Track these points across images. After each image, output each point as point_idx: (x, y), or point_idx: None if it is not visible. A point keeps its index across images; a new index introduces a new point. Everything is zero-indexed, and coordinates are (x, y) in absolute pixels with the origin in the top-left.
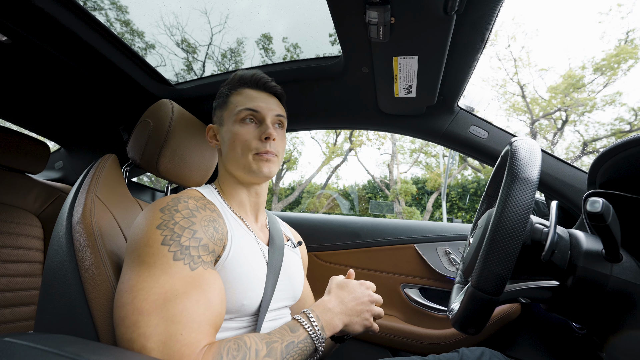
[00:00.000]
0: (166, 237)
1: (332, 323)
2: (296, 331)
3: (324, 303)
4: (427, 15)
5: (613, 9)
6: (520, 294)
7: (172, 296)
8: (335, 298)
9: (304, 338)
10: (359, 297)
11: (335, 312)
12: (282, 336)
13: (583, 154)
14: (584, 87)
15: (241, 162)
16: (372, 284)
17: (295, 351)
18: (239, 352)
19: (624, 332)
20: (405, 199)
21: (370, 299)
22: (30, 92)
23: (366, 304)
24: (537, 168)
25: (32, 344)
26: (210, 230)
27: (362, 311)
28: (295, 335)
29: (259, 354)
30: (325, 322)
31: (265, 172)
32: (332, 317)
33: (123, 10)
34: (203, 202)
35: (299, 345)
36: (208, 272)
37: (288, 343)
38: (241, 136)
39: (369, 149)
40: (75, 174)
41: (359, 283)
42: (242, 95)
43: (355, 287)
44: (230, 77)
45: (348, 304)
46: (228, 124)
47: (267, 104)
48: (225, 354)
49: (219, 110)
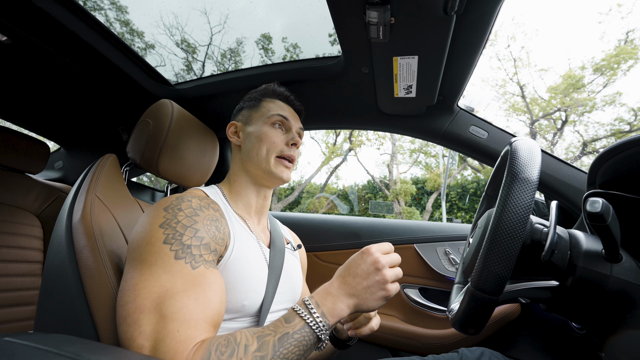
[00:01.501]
0: (168, 236)
1: (335, 308)
2: (291, 321)
3: (325, 288)
4: (427, 15)
5: (613, 9)
6: (520, 294)
7: (172, 294)
8: (337, 280)
9: (301, 328)
10: (363, 271)
11: (338, 296)
12: (275, 328)
13: (583, 154)
14: (584, 88)
15: (264, 162)
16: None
17: (291, 343)
18: (227, 347)
19: (623, 332)
20: (404, 199)
21: (377, 266)
22: (30, 92)
23: (373, 273)
24: (536, 168)
25: (32, 344)
26: (212, 229)
27: (371, 285)
28: (290, 326)
29: (249, 349)
30: (327, 308)
31: (284, 176)
32: (334, 301)
33: (123, 10)
34: (207, 202)
35: (295, 337)
36: (209, 271)
37: (282, 335)
38: (270, 137)
39: (368, 149)
40: (75, 174)
41: (359, 254)
42: (274, 103)
43: (355, 260)
44: (262, 87)
45: (351, 282)
46: (257, 124)
47: (294, 117)
48: (214, 350)
49: (248, 110)
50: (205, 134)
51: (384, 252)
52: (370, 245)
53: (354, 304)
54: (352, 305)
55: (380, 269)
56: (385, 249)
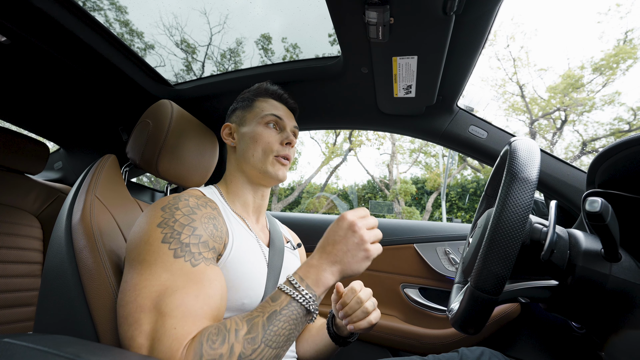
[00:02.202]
0: (166, 235)
1: (320, 277)
2: (278, 299)
3: (306, 261)
4: (426, 15)
5: (612, 9)
6: (519, 294)
7: (171, 292)
8: (317, 251)
9: (287, 303)
10: (341, 236)
11: (320, 266)
12: (263, 309)
13: (582, 154)
14: (583, 87)
15: (259, 162)
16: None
17: (280, 319)
18: (218, 335)
19: (623, 332)
20: (404, 199)
21: (354, 228)
22: (29, 92)
23: (352, 236)
24: (536, 168)
25: (31, 345)
26: (210, 227)
27: (350, 248)
28: (276, 304)
29: (239, 333)
30: (312, 280)
31: (280, 175)
32: (318, 272)
33: (122, 10)
34: (204, 200)
35: (283, 312)
36: (210, 268)
37: (270, 314)
38: (265, 137)
39: (368, 149)
40: (74, 175)
41: (336, 221)
42: (267, 103)
43: (333, 228)
44: (254, 86)
45: (331, 250)
46: (251, 124)
47: (288, 116)
48: (205, 340)
49: (241, 111)
50: (204, 134)
51: (359, 217)
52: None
53: (337, 270)
54: (337, 271)
55: (357, 230)
56: (361, 214)
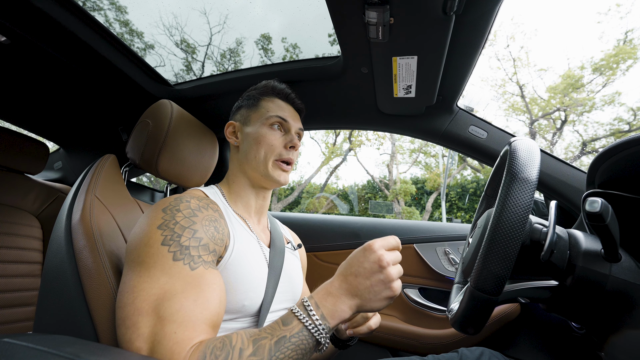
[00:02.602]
0: (166, 237)
1: (336, 309)
2: (289, 324)
3: (325, 287)
4: (426, 15)
5: (612, 9)
6: (519, 294)
7: (170, 296)
8: (338, 279)
9: (299, 331)
10: (366, 269)
11: (339, 296)
12: (272, 331)
13: (582, 154)
14: (583, 87)
15: (261, 164)
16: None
17: (288, 347)
18: (222, 350)
19: (623, 332)
20: (404, 199)
21: (381, 264)
22: (29, 92)
23: (377, 271)
24: (536, 168)
25: (31, 345)
26: (211, 230)
27: (374, 284)
28: (287, 329)
29: (243, 353)
30: (327, 309)
31: (282, 180)
32: (335, 302)
33: (122, 10)
34: (206, 202)
35: (292, 340)
36: (209, 272)
37: (278, 339)
38: (268, 139)
39: (368, 149)
40: (74, 175)
41: (361, 250)
42: (273, 102)
43: (357, 256)
44: (261, 84)
45: (353, 281)
46: (256, 125)
47: (294, 117)
48: (209, 353)
49: (246, 109)
50: (204, 134)
51: (387, 248)
52: (373, 240)
53: (356, 304)
54: (355, 305)
55: (385, 267)
56: (390, 244)
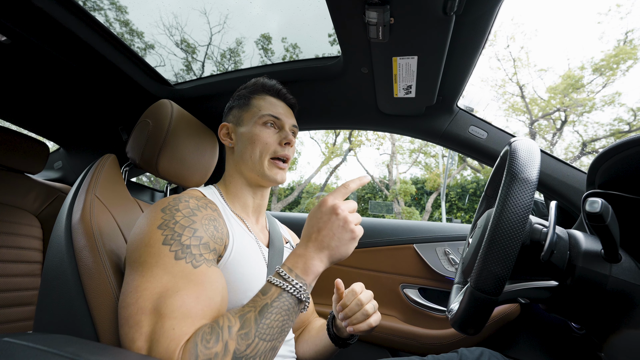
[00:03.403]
0: (167, 237)
1: (308, 267)
2: (268, 292)
3: (294, 252)
4: (427, 15)
5: (612, 9)
6: (519, 294)
7: (172, 293)
8: (303, 240)
9: (278, 295)
10: (324, 222)
11: (307, 254)
12: (254, 303)
13: (582, 154)
14: (583, 88)
15: (257, 164)
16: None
17: (272, 312)
18: (211, 334)
19: (623, 332)
20: (404, 199)
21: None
22: (29, 92)
23: (335, 220)
24: (536, 168)
25: (31, 344)
26: (210, 229)
27: (336, 232)
28: (267, 297)
29: (232, 330)
30: (300, 269)
31: (278, 178)
32: (306, 261)
33: (122, 10)
34: (204, 202)
35: (274, 305)
36: (211, 270)
37: (261, 307)
38: (263, 138)
39: (368, 149)
40: (74, 174)
41: (317, 206)
42: (265, 100)
43: (315, 215)
44: (251, 82)
45: (316, 237)
46: (249, 124)
47: (286, 113)
48: (199, 340)
49: (238, 110)
50: (204, 134)
51: (340, 198)
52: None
53: (326, 256)
54: (325, 257)
55: (340, 213)
56: (341, 193)
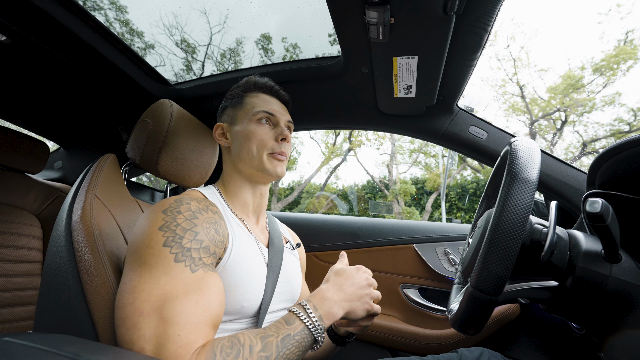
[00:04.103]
0: (168, 239)
1: (331, 312)
2: (292, 323)
3: (322, 292)
4: (427, 15)
5: (612, 9)
6: (519, 294)
7: (172, 297)
8: (333, 286)
9: (301, 330)
10: (357, 282)
11: (334, 300)
12: (277, 330)
13: (582, 155)
14: (583, 88)
15: (255, 160)
16: (367, 269)
17: (292, 344)
18: (232, 349)
19: (623, 333)
20: (404, 199)
21: (369, 282)
22: (29, 92)
23: (365, 287)
24: (536, 168)
25: (31, 344)
26: (212, 232)
27: (362, 295)
28: (291, 328)
29: (253, 349)
30: (323, 311)
31: (279, 171)
32: (331, 305)
33: (122, 10)
34: (205, 204)
35: (296, 338)
36: (208, 275)
37: (284, 336)
38: (258, 135)
39: (368, 149)
40: (74, 174)
41: (355, 268)
42: (258, 98)
43: (352, 272)
44: (243, 81)
45: (347, 290)
46: (243, 122)
47: (281, 110)
48: (218, 352)
49: (232, 109)
50: (204, 134)
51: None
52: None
53: (347, 308)
54: (346, 309)
55: (371, 284)
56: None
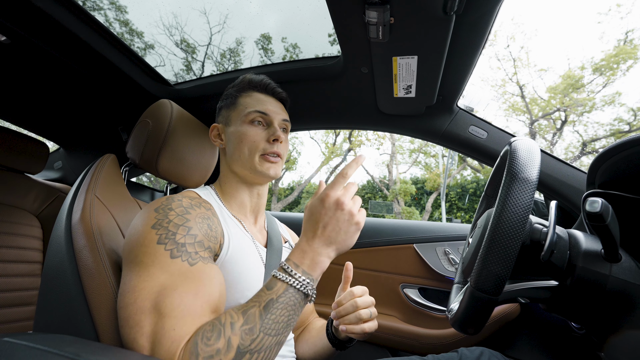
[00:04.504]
0: (161, 236)
1: (316, 263)
2: (273, 287)
3: (299, 246)
4: (427, 15)
5: (612, 9)
6: (519, 294)
7: (170, 291)
8: (307, 235)
9: (284, 291)
10: (330, 217)
11: (314, 250)
12: (258, 298)
13: (582, 154)
14: (583, 88)
15: (248, 162)
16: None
17: (277, 307)
18: (212, 331)
19: (623, 332)
20: (404, 199)
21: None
22: (29, 92)
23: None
24: (536, 168)
25: (31, 344)
26: (204, 227)
27: (342, 226)
28: (272, 292)
29: (235, 325)
30: (307, 265)
31: (271, 173)
32: (313, 256)
33: (122, 10)
34: (198, 201)
35: (280, 300)
36: (208, 266)
37: (266, 303)
38: (250, 137)
39: (368, 149)
40: (74, 174)
41: (319, 200)
42: (251, 97)
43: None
44: (238, 80)
45: (323, 232)
46: (236, 124)
47: (275, 108)
48: (200, 339)
49: (226, 110)
50: (204, 134)
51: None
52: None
53: (333, 250)
54: (332, 251)
55: (345, 207)
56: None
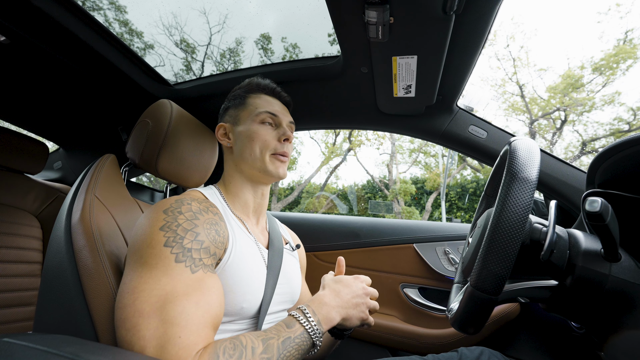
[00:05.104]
0: (169, 239)
1: (328, 317)
2: (292, 327)
3: (320, 297)
4: (426, 15)
5: (612, 8)
6: (519, 294)
7: (172, 298)
8: (331, 292)
9: (300, 333)
10: (354, 291)
11: (332, 306)
12: (278, 332)
13: (582, 154)
14: (583, 87)
15: (258, 160)
16: (367, 277)
17: (292, 346)
18: (235, 350)
19: (622, 332)
20: (404, 198)
21: (365, 291)
22: (29, 92)
23: (362, 296)
24: (536, 168)
25: (31, 344)
26: (212, 233)
27: (358, 304)
28: (291, 331)
29: (255, 351)
30: (322, 316)
31: (280, 172)
32: (329, 310)
33: (122, 10)
34: (206, 205)
35: (296, 341)
36: (208, 276)
37: (284, 339)
38: (261, 136)
39: (368, 149)
40: (74, 174)
41: (353, 277)
42: (260, 99)
43: (350, 281)
44: (244, 82)
45: (344, 297)
46: (246, 123)
47: (283, 111)
48: (221, 353)
49: (234, 109)
50: (204, 134)
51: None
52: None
53: (343, 316)
54: (342, 316)
55: (368, 294)
56: (369, 283)
